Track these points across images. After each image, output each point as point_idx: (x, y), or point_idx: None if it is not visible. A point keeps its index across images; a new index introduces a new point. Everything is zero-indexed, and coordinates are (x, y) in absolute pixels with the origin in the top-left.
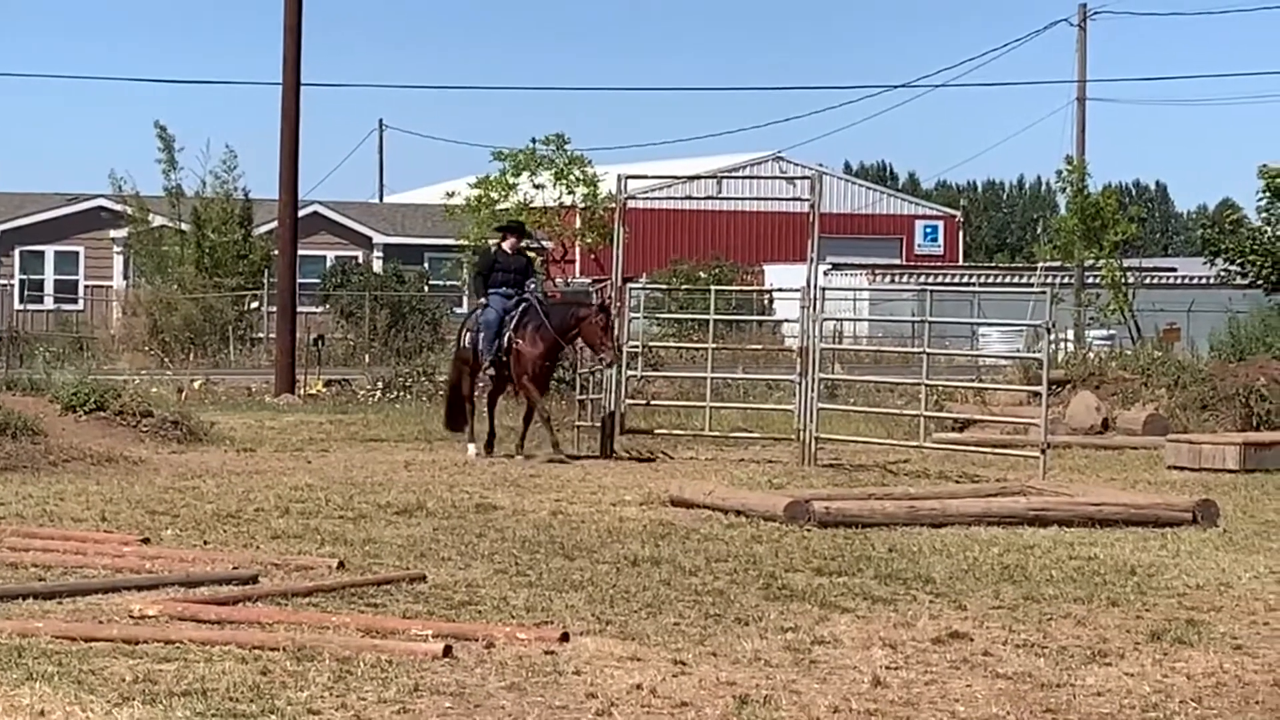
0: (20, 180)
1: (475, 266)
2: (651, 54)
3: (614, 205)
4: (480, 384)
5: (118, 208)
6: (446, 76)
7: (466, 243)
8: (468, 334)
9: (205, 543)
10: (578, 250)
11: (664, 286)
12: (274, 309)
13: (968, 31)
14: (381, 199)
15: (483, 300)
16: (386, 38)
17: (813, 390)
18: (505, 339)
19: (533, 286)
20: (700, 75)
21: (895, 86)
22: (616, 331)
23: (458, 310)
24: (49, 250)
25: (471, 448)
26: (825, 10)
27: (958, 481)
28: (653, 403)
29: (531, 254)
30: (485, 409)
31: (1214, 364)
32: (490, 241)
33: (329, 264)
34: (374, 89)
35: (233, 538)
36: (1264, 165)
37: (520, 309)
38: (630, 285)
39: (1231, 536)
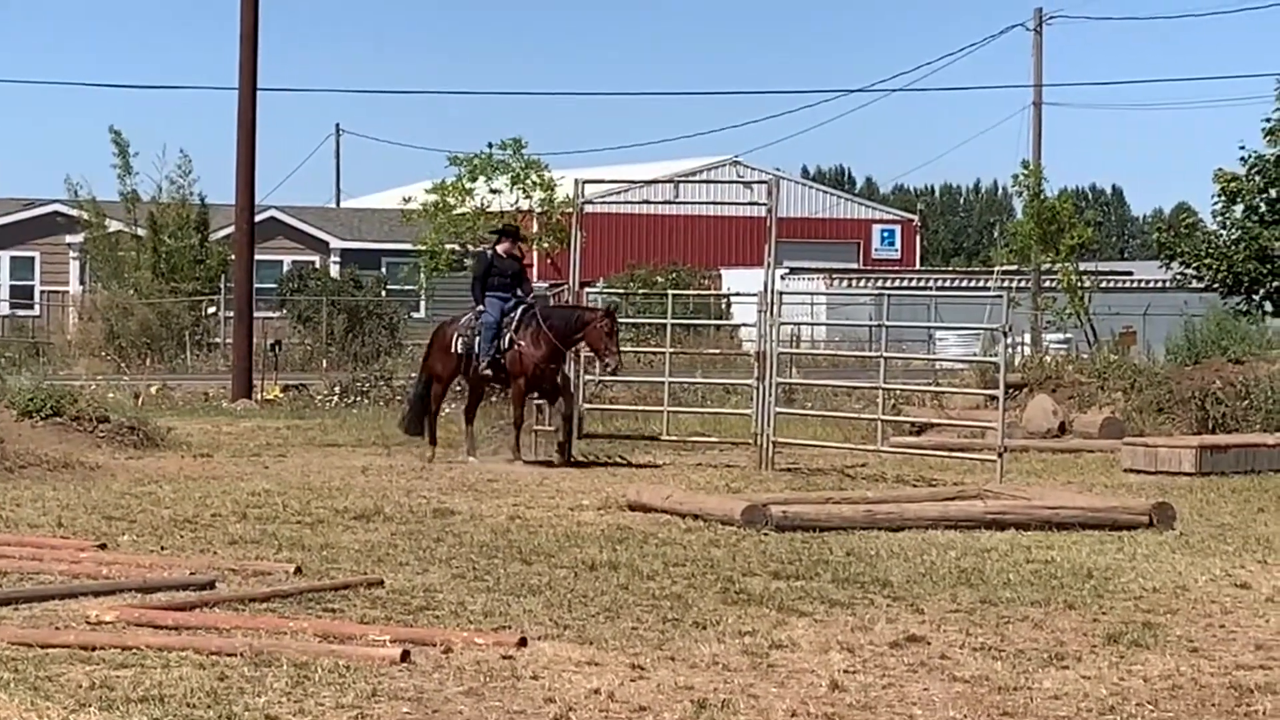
0: None
1: (471, 271)
2: (609, 58)
3: (571, 209)
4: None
5: (74, 213)
6: (403, 81)
7: (424, 247)
8: (460, 339)
9: (162, 548)
10: (535, 254)
11: (621, 291)
12: (231, 314)
13: (924, 36)
14: (338, 204)
15: (481, 307)
16: (343, 42)
17: (770, 394)
18: (505, 340)
19: (533, 293)
20: (658, 79)
21: (852, 91)
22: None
23: (415, 315)
24: (4, 256)
25: (470, 457)
26: (782, 15)
27: (915, 485)
28: (610, 407)
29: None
30: (463, 418)
31: (1170, 367)
32: (484, 246)
33: (286, 269)
34: (331, 94)
35: (190, 543)
36: (1219, 169)
37: (520, 312)
38: (587, 289)
39: (1188, 539)
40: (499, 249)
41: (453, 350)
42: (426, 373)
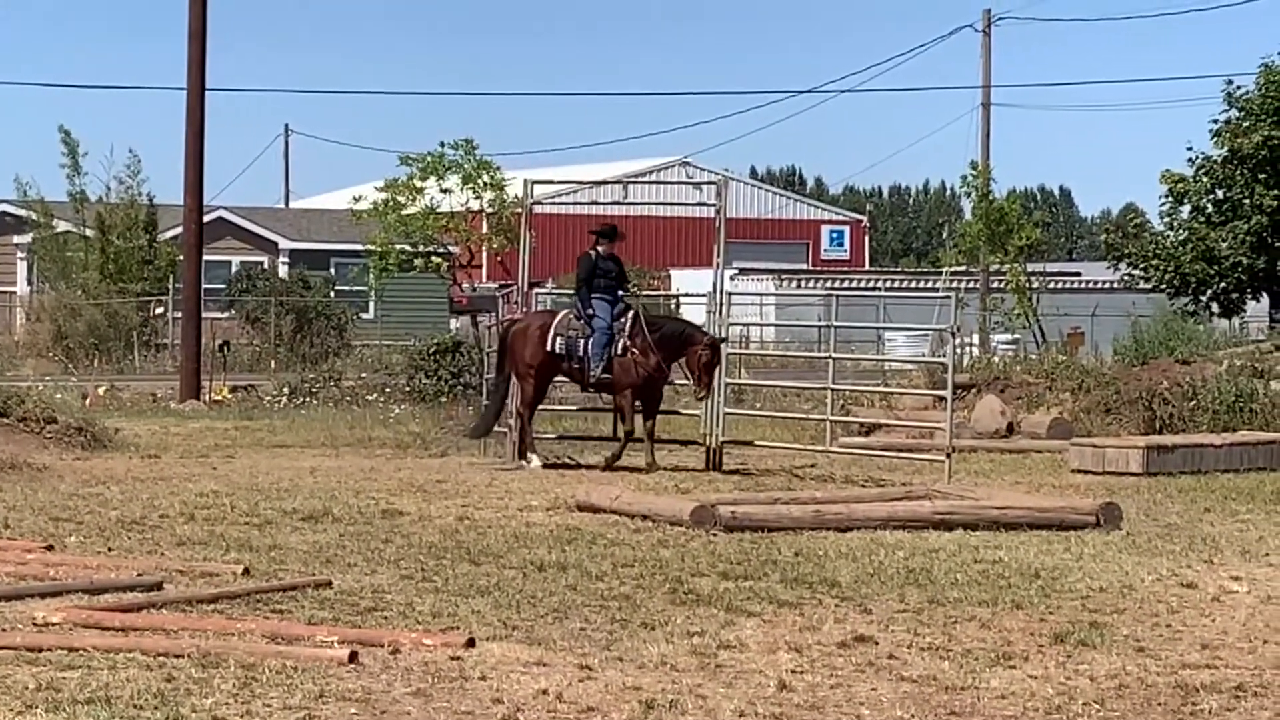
0: None
1: (578, 274)
2: (559, 59)
3: (521, 210)
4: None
5: (21, 213)
6: (353, 81)
7: (374, 247)
8: (559, 338)
9: (110, 549)
10: (485, 254)
11: (571, 291)
12: (179, 315)
13: (873, 37)
14: (287, 204)
15: (590, 310)
16: (292, 42)
17: (719, 395)
18: (619, 346)
19: (624, 293)
20: (608, 80)
21: (802, 92)
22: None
23: (364, 316)
24: None
25: (535, 459)
26: (731, 15)
27: (863, 486)
28: (560, 408)
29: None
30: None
31: (1117, 368)
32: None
33: (234, 269)
34: (280, 94)
35: (137, 544)
36: (1166, 170)
37: (630, 317)
38: (537, 290)
39: (1134, 539)
40: (599, 249)
41: (549, 349)
42: (508, 374)
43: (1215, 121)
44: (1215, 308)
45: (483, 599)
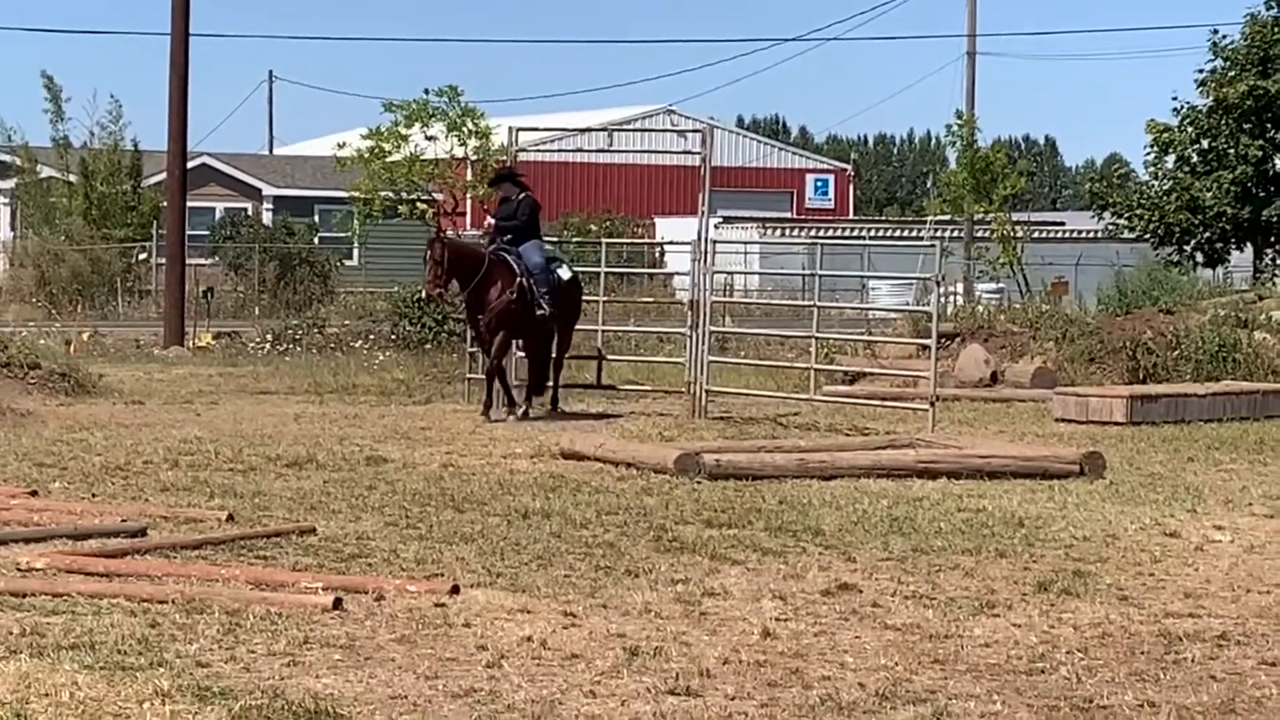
0: None
1: None
2: (544, 6)
3: (506, 157)
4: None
5: (5, 158)
6: (337, 27)
7: (357, 194)
8: None
9: (93, 495)
10: (469, 202)
11: (555, 239)
12: (163, 261)
13: None
14: (271, 151)
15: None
16: None
17: (703, 343)
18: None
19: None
20: (593, 28)
21: (787, 40)
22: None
23: (347, 263)
24: None
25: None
26: None
27: (847, 434)
28: None
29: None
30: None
31: (1101, 317)
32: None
33: (218, 216)
34: (264, 39)
35: (121, 490)
36: (1151, 120)
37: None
38: None
39: (1118, 488)
40: (501, 196)
41: None
42: None
43: (1201, 71)
44: (1199, 257)
45: (467, 546)
